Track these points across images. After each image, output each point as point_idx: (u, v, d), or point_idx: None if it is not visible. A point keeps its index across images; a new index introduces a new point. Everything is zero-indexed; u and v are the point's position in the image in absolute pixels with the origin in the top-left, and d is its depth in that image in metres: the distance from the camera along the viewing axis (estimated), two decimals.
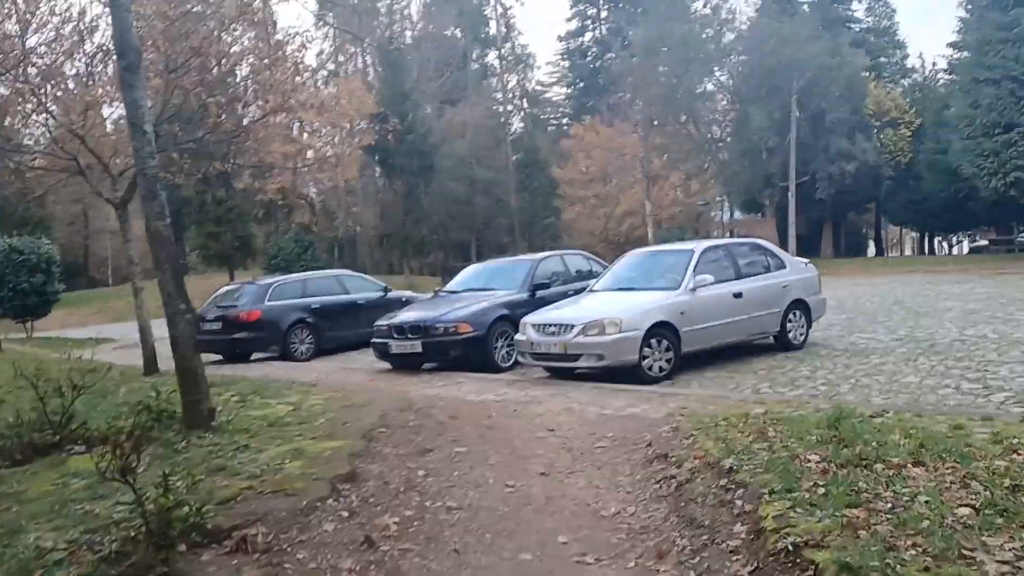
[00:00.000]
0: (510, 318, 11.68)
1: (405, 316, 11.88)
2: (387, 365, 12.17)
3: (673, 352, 9.69)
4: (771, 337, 11.06)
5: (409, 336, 11.48)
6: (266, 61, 13.82)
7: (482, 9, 67.79)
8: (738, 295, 10.47)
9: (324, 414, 7.42)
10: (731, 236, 64.96)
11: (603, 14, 73.64)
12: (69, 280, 53.44)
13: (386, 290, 16.75)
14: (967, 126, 30.91)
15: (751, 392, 8.60)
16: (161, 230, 6.47)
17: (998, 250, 37.37)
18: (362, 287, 16.70)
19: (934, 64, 51.65)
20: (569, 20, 74.46)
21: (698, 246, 10.67)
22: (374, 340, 12.05)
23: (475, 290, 12.79)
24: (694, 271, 10.21)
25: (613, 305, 9.94)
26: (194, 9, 11.16)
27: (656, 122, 37.26)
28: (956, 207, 38.97)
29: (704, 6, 43.23)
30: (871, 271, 31.60)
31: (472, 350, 11.31)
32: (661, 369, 9.61)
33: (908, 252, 63.87)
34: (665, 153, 42.64)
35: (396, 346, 11.58)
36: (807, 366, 9.84)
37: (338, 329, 15.55)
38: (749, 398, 7.91)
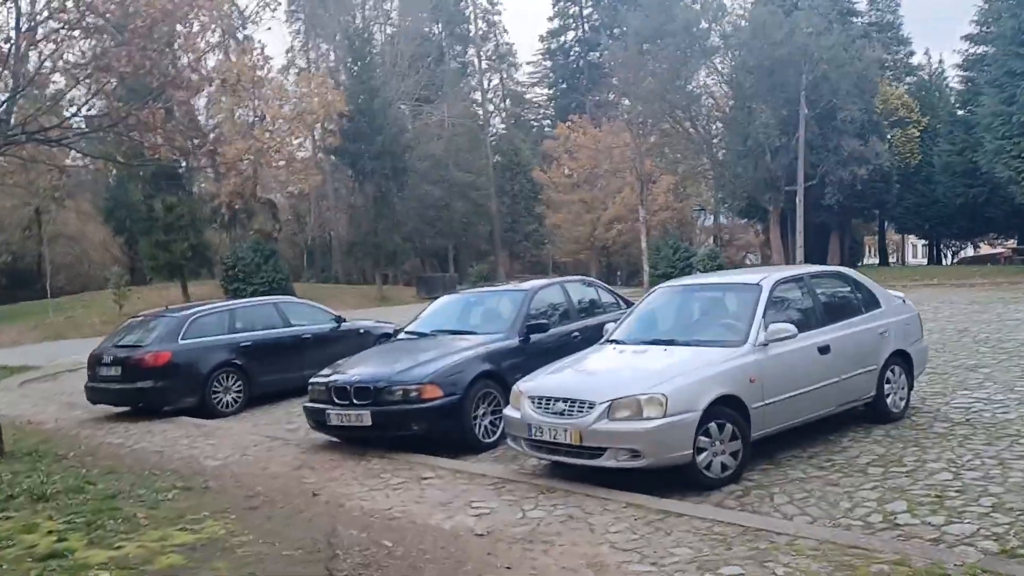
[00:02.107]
0: (496, 375, 8.46)
1: (350, 373, 8.56)
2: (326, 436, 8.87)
3: (740, 440, 6.49)
4: (862, 404, 7.88)
5: (355, 402, 8.17)
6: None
7: (459, 3, 64.39)
8: (824, 350, 7.27)
9: None
10: (714, 242, 61.93)
11: (586, 12, 70.72)
12: (21, 291, 49.65)
13: (339, 320, 13.43)
14: (1001, 124, 27.93)
15: (884, 521, 5.40)
16: None
17: None
18: (308, 317, 13.35)
19: (940, 60, 48.62)
20: (551, 19, 71.45)
21: (766, 280, 7.42)
22: (307, 405, 8.73)
23: (447, 332, 9.51)
24: (764, 317, 7.01)
25: (649, 369, 6.70)
26: None
27: (649, 121, 34.12)
28: (972, 213, 36.16)
29: (693, 1, 40.10)
30: (888, 284, 28.56)
31: (442, 423, 8.04)
32: (724, 466, 6.40)
33: (912, 259, 61.30)
34: (658, 154, 39.60)
35: (336, 416, 8.26)
36: (936, 459, 6.64)
37: (275, 372, 12.23)
38: (904, 550, 4.70)
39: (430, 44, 59.06)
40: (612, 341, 7.74)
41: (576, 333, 9.58)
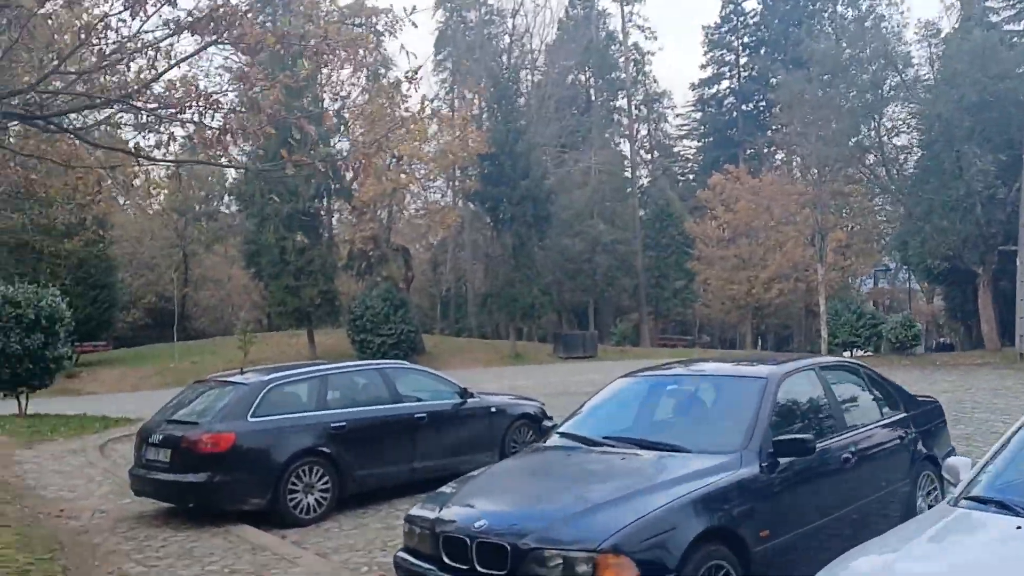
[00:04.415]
0: (728, 533, 4.73)
1: (472, 512, 5.06)
2: None
3: None
4: None
5: (478, 569, 4.66)
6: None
7: (610, 49, 61.60)
8: None
9: None
10: (874, 307, 54.98)
11: (742, 60, 66.54)
12: (162, 331, 49.75)
13: (465, 395, 10.06)
14: None
15: None
16: None
17: None
18: (424, 389, 10.06)
19: None
20: (703, 67, 67.73)
21: None
22: (400, 555, 5.27)
23: (631, 443, 5.82)
24: None
25: None
26: None
27: (828, 167, 29.46)
28: None
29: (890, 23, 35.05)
30: None
31: None
32: None
33: None
34: (842, 204, 34.70)
35: None
36: None
37: (377, 464, 9.00)
38: None
39: (577, 89, 56.54)
40: (990, 502, 3.85)
41: (849, 453, 5.76)
